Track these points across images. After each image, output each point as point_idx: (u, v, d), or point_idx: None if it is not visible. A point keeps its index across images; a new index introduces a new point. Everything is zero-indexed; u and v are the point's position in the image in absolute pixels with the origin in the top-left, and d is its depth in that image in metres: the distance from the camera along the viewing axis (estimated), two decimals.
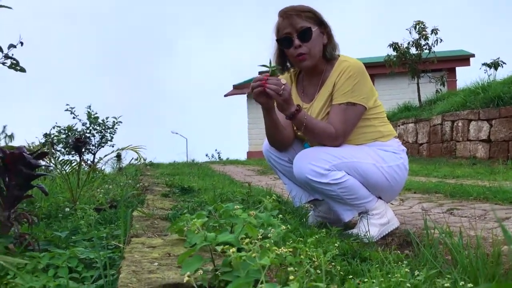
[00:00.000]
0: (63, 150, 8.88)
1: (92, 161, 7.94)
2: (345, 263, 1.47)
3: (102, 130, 9.18)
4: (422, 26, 11.48)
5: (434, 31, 11.42)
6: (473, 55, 16.62)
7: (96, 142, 9.09)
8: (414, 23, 11.58)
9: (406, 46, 11.71)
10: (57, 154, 7.84)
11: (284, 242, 1.40)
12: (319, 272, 1.17)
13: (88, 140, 8.50)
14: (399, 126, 10.77)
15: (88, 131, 9.10)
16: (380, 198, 2.22)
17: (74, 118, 9.05)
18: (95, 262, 1.48)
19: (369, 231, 2.06)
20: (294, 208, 2.44)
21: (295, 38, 2.16)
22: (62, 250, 1.53)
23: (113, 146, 9.15)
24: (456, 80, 16.10)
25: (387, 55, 12.00)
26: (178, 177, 5.62)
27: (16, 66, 1.76)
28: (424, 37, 11.49)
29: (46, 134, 9.33)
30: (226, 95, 18.64)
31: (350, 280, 1.18)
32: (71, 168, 2.93)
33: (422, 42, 11.57)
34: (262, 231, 1.31)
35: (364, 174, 2.12)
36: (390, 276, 1.22)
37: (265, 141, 2.40)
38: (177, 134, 23.64)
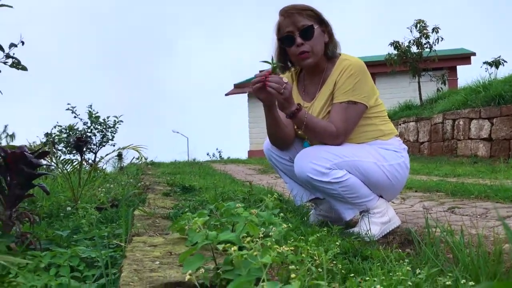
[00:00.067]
0: (64, 149, 8.89)
1: (93, 160, 7.96)
2: (346, 262, 1.47)
3: (103, 130, 9.19)
4: (423, 25, 11.46)
5: (435, 30, 11.41)
6: (474, 54, 16.60)
7: (97, 142, 9.10)
8: (415, 22, 11.57)
9: (407, 44, 11.70)
10: (58, 153, 7.85)
11: (285, 241, 1.40)
12: (321, 270, 1.17)
13: (89, 139, 8.51)
14: (400, 124, 10.77)
15: (89, 131, 9.11)
16: (381, 196, 2.22)
17: (75, 117, 9.06)
18: (97, 261, 1.48)
19: (370, 230, 2.05)
20: (295, 207, 2.43)
21: (297, 36, 2.16)
22: (63, 249, 1.53)
23: (114, 146, 9.16)
24: (457, 78, 16.08)
25: (388, 54, 11.99)
26: (179, 176, 5.62)
27: (17, 65, 1.76)
28: (425, 35, 11.48)
29: (47, 134, 9.33)
30: (227, 94, 18.64)
31: (351, 278, 1.19)
32: (72, 167, 2.93)
33: (423, 40, 11.56)
34: (263, 230, 1.32)
35: (365, 173, 2.12)
36: (391, 274, 1.22)
37: (266, 140, 2.40)
38: (178, 133, 23.65)
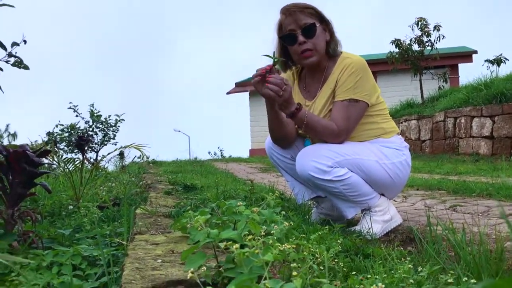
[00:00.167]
0: (66, 148, 8.92)
1: (95, 159, 7.97)
2: (348, 260, 1.47)
3: (105, 128, 9.21)
4: (424, 23, 11.45)
5: (437, 28, 11.40)
6: (475, 52, 16.58)
7: (99, 140, 9.12)
8: (416, 20, 11.55)
9: (408, 42, 11.69)
10: (60, 152, 7.86)
11: (287, 239, 1.40)
12: (322, 268, 1.17)
13: (91, 138, 8.50)
14: (402, 123, 10.75)
15: (91, 129, 9.13)
16: (383, 195, 2.22)
17: (77, 116, 9.09)
18: (99, 259, 1.48)
19: (372, 228, 2.06)
20: (297, 205, 2.43)
21: (299, 34, 2.16)
22: (65, 248, 1.53)
23: (115, 144, 9.19)
24: (458, 76, 16.07)
25: (390, 52, 11.99)
26: (181, 174, 5.62)
27: (19, 64, 1.76)
28: (426, 33, 11.46)
29: (49, 133, 9.36)
30: (228, 93, 18.64)
31: (353, 276, 1.19)
32: (74, 166, 2.94)
33: (425, 38, 11.54)
34: (265, 228, 1.32)
35: (366, 171, 2.12)
36: (393, 272, 1.22)
37: (267, 138, 2.40)
38: (179, 132, 23.68)
